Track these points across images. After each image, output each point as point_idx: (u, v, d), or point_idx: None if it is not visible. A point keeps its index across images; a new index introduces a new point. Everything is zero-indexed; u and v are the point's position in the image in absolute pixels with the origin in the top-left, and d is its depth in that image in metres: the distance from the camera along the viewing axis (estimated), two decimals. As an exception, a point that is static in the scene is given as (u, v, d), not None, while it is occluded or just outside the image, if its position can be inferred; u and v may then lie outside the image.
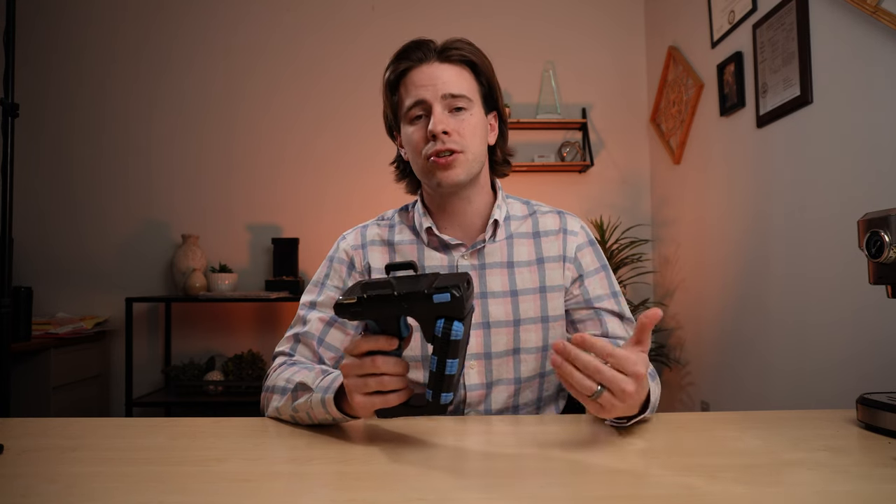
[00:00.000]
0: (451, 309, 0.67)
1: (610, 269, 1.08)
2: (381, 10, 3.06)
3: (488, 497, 0.59)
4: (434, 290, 0.67)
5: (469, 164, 0.98)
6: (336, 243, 1.10)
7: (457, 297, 0.66)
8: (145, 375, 2.86)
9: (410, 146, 1.00)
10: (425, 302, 0.67)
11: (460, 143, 0.96)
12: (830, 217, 1.74)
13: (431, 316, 0.68)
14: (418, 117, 0.99)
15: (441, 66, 0.98)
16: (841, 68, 1.69)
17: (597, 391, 0.68)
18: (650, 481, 0.63)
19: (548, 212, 1.10)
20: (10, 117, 1.62)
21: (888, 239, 0.80)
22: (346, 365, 0.75)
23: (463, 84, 0.99)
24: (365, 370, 0.73)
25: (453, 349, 0.68)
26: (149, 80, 3.00)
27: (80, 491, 0.61)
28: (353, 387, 0.74)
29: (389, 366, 0.72)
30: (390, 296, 0.69)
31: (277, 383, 0.93)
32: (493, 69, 1.04)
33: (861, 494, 0.59)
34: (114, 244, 2.95)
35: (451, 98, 0.97)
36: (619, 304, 1.05)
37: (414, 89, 0.98)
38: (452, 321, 0.67)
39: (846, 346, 1.67)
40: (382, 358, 0.72)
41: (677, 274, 2.79)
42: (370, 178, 2.92)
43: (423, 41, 1.00)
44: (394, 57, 1.01)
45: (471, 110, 0.99)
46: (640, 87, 3.11)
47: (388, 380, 0.72)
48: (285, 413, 0.89)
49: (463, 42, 1.01)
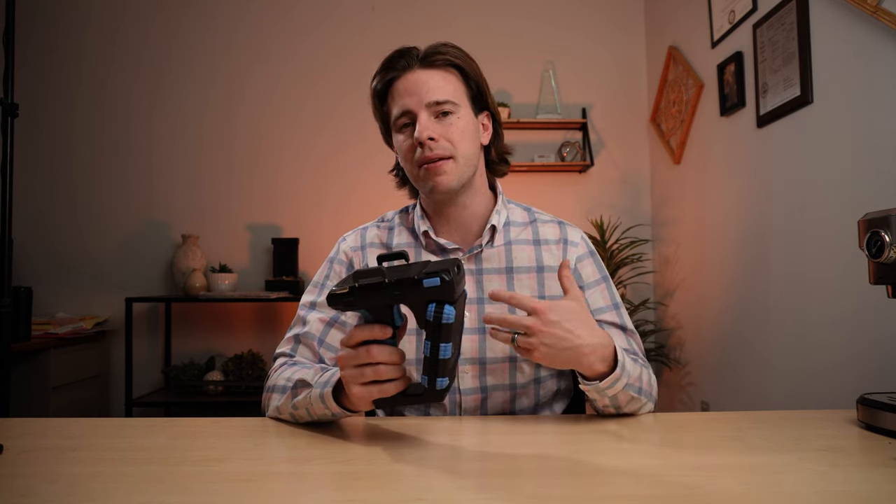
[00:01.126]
0: (441, 293, 0.68)
1: (611, 280, 1.07)
2: (381, 10, 3.06)
3: (487, 497, 0.59)
4: (424, 275, 0.68)
5: (460, 168, 0.98)
6: (336, 245, 1.11)
7: (446, 280, 0.68)
8: (145, 375, 2.86)
9: (401, 154, 1.01)
10: (416, 287, 0.69)
11: (448, 148, 0.96)
12: (830, 217, 1.74)
13: (423, 301, 0.69)
14: (406, 125, 0.99)
15: (425, 72, 0.98)
16: (841, 68, 1.69)
17: (513, 337, 0.79)
18: (650, 481, 0.63)
19: (548, 221, 1.09)
20: (10, 117, 1.62)
21: (888, 239, 0.80)
22: (342, 356, 0.75)
23: (448, 88, 0.98)
24: (360, 360, 0.73)
25: (446, 333, 0.69)
26: (149, 80, 3.00)
27: (79, 491, 0.61)
28: (349, 377, 0.74)
29: (385, 355, 0.72)
30: (381, 283, 0.69)
31: (278, 383, 0.93)
32: (479, 70, 1.03)
33: (861, 494, 0.59)
34: (114, 244, 2.95)
35: (435, 105, 0.97)
36: (620, 316, 1.03)
37: (399, 98, 0.98)
38: (444, 304, 0.69)
39: (846, 346, 1.67)
40: (377, 347, 0.72)
41: (677, 274, 2.79)
42: (370, 178, 2.92)
43: (406, 49, 1.00)
44: (379, 67, 1.02)
45: (458, 114, 0.99)
46: (640, 87, 3.11)
47: (383, 369, 0.72)
48: (285, 411, 0.89)
49: (447, 46, 1.01)
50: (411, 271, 0.70)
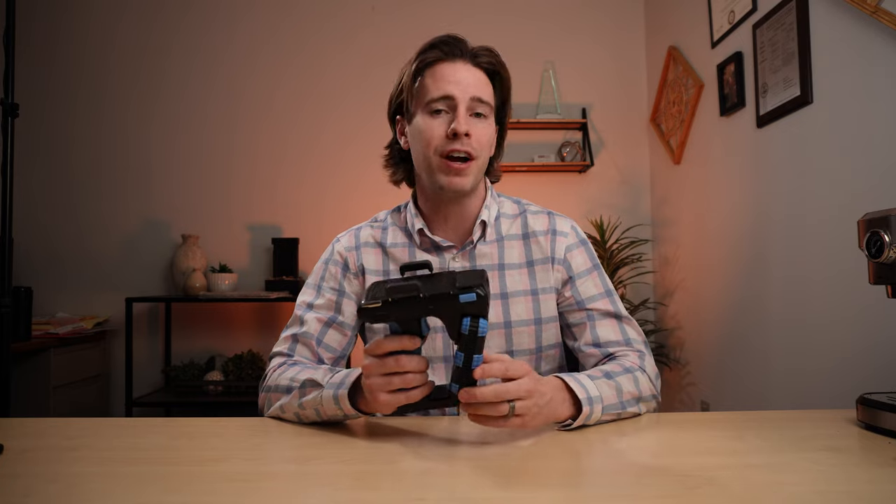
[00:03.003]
0: (476, 307, 0.70)
1: (602, 268, 1.07)
2: (381, 10, 3.06)
3: (487, 497, 0.59)
4: (459, 290, 0.70)
5: (478, 171, 0.99)
6: (331, 245, 1.11)
7: (482, 296, 0.70)
8: (145, 375, 2.86)
9: (422, 138, 0.98)
10: (452, 302, 0.70)
11: (476, 148, 0.96)
12: (830, 217, 1.74)
13: (457, 315, 0.71)
14: (438, 111, 0.97)
15: (471, 68, 0.98)
16: (841, 68, 1.69)
17: (510, 407, 0.73)
18: (650, 481, 0.63)
19: (537, 212, 1.09)
20: (10, 117, 1.63)
21: (888, 239, 0.80)
22: (368, 365, 0.76)
23: (487, 91, 0.99)
24: (389, 369, 0.74)
25: (480, 345, 0.72)
26: (149, 79, 3.00)
27: (80, 491, 0.61)
28: (376, 386, 0.75)
29: (413, 364, 0.74)
30: (416, 297, 0.71)
31: (280, 383, 0.92)
32: (510, 85, 1.04)
33: (861, 494, 0.59)
34: (114, 244, 2.95)
35: (476, 102, 0.96)
36: (613, 303, 1.03)
37: (444, 83, 0.96)
38: (478, 318, 0.70)
39: (846, 346, 1.67)
40: (406, 357, 0.74)
41: (677, 274, 2.79)
42: (370, 178, 2.91)
43: (458, 38, 0.99)
44: (426, 45, 1.00)
45: (489, 118, 0.99)
46: (640, 87, 3.11)
47: (411, 377, 0.74)
48: (290, 411, 0.89)
49: (493, 52, 1.01)
50: (443, 285, 0.71)
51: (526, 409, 0.74)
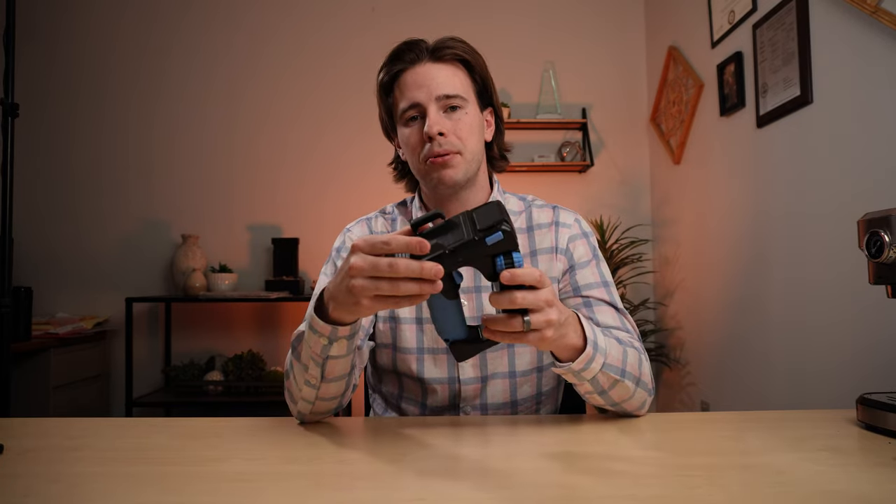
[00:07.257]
0: (506, 244, 0.67)
1: (604, 260, 1.06)
2: (381, 11, 3.06)
3: (487, 497, 0.59)
4: (483, 232, 0.66)
5: (467, 163, 0.98)
6: (342, 235, 1.09)
7: (507, 231, 0.66)
8: (145, 375, 2.86)
9: (407, 148, 1.00)
10: (479, 248, 0.66)
11: (457, 144, 0.96)
12: (830, 217, 1.74)
13: (489, 257, 0.67)
14: (413, 119, 0.98)
15: (434, 65, 0.98)
16: (841, 68, 1.69)
17: (525, 322, 0.67)
18: (650, 481, 0.63)
19: (542, 206, 1.09)
20: (10, 117, 1.63)
21: (888, 239, 0.80)
22: (357, 265, 0.65)
23: (457, 83, 0.98)
24: (379, 273, 0.64)
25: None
26: (149, 79, 3.00)
27: (81, 491, 0.61)
28: (360, 289, 0.65)
29: (410, 269, 0.63)
30: (442, 255, 0.66)
31: (286, 367, 0.88)
32: (486, 65, 1.03)
33: (861, 494, 0.59)
34: (114, 244, 2.95)
35: (445, 99, 0.96)
36: (610, 294, 1.01)
37: (408, 91, 0.97)
38: (511, 253, 0.67)
39: (846, 346, 1.67)
40: (404, 262, 0.63)
41: (677, 274, 2.79)
42: (370, 178, 2.92)
43: (414, 41, 0.99)
44: (387, 59, 1.01)
45: (466, 109, 0.98)
46: (640, 87, 3.11)
47: (404, 285, 0.64)
48: (300, 379, 0.83)
49: (455, 40, 1.00)
50: (464, 233, 0.67)
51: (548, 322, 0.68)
